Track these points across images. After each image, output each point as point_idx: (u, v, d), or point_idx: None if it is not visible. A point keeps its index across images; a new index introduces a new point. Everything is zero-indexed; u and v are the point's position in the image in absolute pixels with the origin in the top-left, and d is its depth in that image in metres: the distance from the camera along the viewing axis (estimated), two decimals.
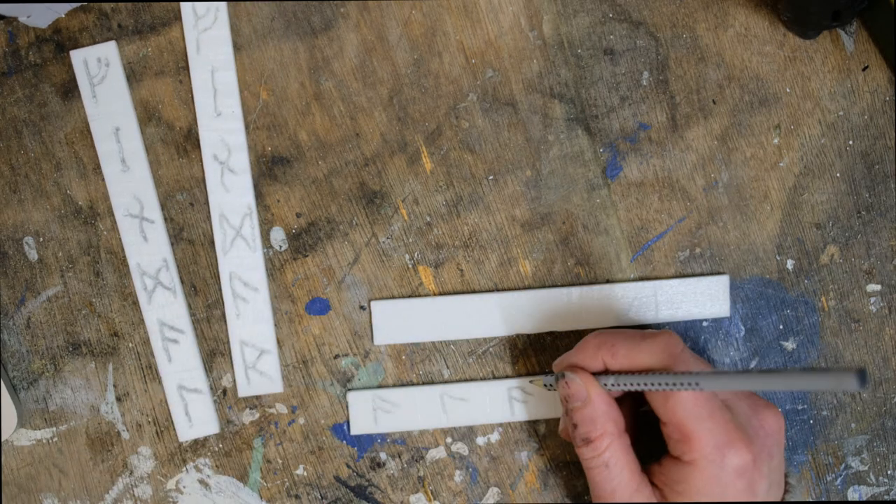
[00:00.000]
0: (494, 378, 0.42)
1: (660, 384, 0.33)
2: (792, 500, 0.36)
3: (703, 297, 0.41)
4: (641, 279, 0.41)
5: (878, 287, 0.42)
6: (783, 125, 0.41)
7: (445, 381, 0.42)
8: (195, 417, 0.42)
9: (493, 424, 0.42)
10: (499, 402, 0.41)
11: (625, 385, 0.34)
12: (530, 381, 0.41)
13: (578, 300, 0.41)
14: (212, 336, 0.42)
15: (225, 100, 0.41)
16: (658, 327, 0.41)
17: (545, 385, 0.38)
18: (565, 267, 0.41)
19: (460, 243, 0.42)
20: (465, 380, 0.42)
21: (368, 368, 0.42)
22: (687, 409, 0.33)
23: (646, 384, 0.33)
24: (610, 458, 0.34)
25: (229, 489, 0.42)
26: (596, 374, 0.36)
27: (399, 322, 0.41)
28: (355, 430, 0.42)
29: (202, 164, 0.42)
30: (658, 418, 0.34)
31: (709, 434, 0.32)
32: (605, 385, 0.35)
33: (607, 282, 0.41)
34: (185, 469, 0.42)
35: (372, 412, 0.41)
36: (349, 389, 0.42)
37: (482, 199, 0.42)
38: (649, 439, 0.37)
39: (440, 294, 0.42)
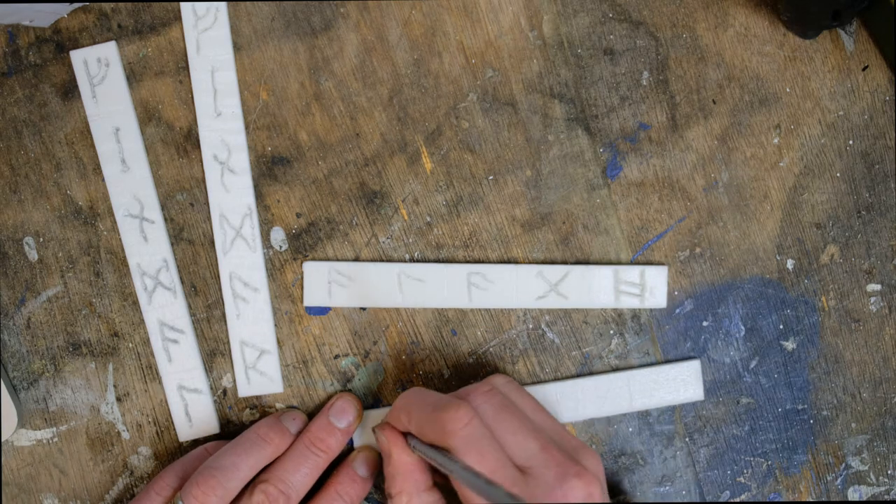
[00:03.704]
0: (452, 267, 0.41)
1: (435, 461, 0.33)
2: None
3: (676, 384, 0.41)
4: (614, 370, 0.41)
5: (878, 287, 0.42)
6: (783, 125, 0.41)
7: (446, 382, 0.42)
8: (195, 417, 0.42)
9: None
10: (456, 287, 0.41)
11: (421, 453, 0.35)
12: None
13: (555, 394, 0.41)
14: (212, 336, 0.42)
15: (225, 100, 0.41)
16: (630, 416, 0.42)
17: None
18: None
19: (460, 243, 0.42)
20: (467, 383, 0.42)
21: (368, 368, 0.42)
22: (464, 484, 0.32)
23: (430, 458, 0.34)
24: None
25: None
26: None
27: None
28: (308, 301, 0.41)
29: (202, 164, 0.42)
30: None
31: (480, 468, 0.32)
32: (413, 447, 0.36)
33: (578, 376, 0.41)
34: None
35: (327, 285, 0.41)
36: (306, 260, 0.41)
37: (482, 199, 0.42)
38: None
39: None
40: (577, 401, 0.41)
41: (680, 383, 0.41)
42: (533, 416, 0.36)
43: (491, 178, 0.41)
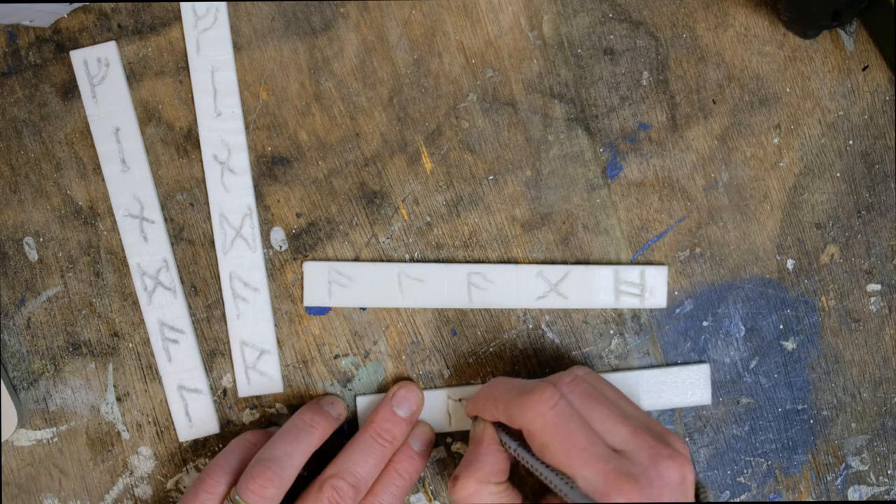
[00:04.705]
0: (452, 262, 0.42)
1: (523, 458, 0.34)
2: None
3: (685, 386, 0.41)
4: (615, 370, 0.41)
5: (878, 287, 0.42)
6: (783, 125, 0.41)
7: (446, 382, 0.42)
8: (195, 417, 0.42)
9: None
10: (456, 287, 0.41)
11: (510, 448, 0.36)
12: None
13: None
14: (212, 336, 0.42)
15: (225, 100, 0.41)
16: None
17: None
18: None
19: (460, 243, 0.42)
20: (465, 384, 0.42)
21: (368, 368, 0.42)
22: (564, 463, 0.32)
23: (518, 454, 0.35)
24: (468, 500, 0.35)
25: None
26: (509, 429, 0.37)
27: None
28: (308, 301, 0.41)
29: (202, 164, 0.42)
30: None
31: (584, 482, 0.32)
32: (503, 442, 0.36)
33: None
34: (185, 469, 0.42)
35: (327, 285, 0.41)
36: (306, 260, 0.41)
37: (482, 199, 0.42)
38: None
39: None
40: None
41: (689, 386, 0.41)
42: (618, 402, 0.36)
43: (491, 178, 0.41)
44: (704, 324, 0.42)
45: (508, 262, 0.42)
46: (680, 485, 0.32)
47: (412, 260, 0.42)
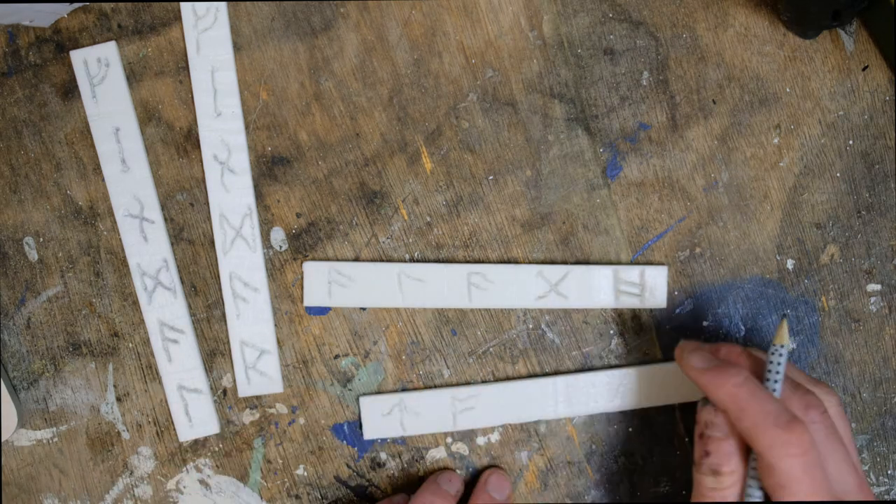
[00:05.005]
0: (452, 262, 0.42)
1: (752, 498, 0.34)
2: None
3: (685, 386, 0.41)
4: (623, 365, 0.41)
5: (878, 287, 0.42)
6: (783, 125, 0.41)
7: (446, 382, 0.42)
8: (195, 417, 0.42)
9: (494, 426, 0.42)
10: (456, 287, 0.41)
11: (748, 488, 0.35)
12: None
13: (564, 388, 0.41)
14: (212, 336, 0.42)
15: (225, 100, 0.41)
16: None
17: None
18: None
19: (460, 243, 0.42)
20: (467, 382, 0.42)
21: (368, 368, 0.42)
22: (783, 476, 0.32)
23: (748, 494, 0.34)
24: (729, 495, 0.34)
25: (229, 489, 0.42)
26: None
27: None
28: (308, 301, 0.41)
29: (202, 164, 0.42)
30: None
31: (804, 496, 0.32)
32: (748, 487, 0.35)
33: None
34: (185, 469, 0.42)
35: (327, 285, 0.41)
36: (306, 260, 0.41)
37: (482, 199, 0.42)
38: None
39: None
40: (588, 395, 0.41)
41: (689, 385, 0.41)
42: (849, 447, 0.35)
43: (491, 178, 0.41)
44: (704, 324, 0.42)
45: (508, 262, 0.42)
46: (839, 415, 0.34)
47: (412, 260, 0.42)
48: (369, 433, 0.41)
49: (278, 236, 0.42)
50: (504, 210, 0.42)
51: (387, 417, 0.41)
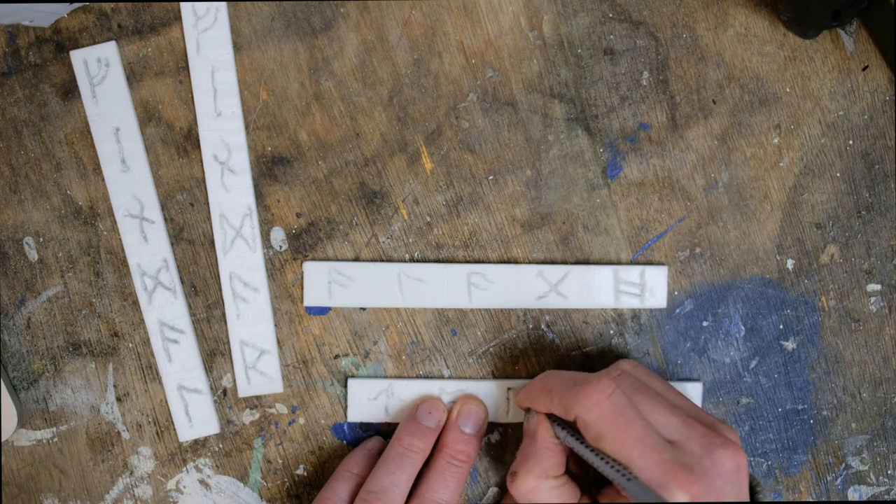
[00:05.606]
0: (452, 262, 0.42)
1: (579, 450, 0.34)
2: None
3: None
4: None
5: (878, 287, 0.42)
6: (783, 125, 0.41)
7: (446, 382, 0.42)
8: (195, 417, 0.42)
9: (493, 425, 0.42)
10: (456, 287, 0.41)
11: (565, 440, 0.35)
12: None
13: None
14: (212, 336, 0.42)
15: (225, 100, 0.41)
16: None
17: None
18: None
19: (460, 243, 0.42)
20: (463, 377, 0.42)
21: (368, 368, 0.42)
22: (620, 453, 0.32)
23: (574, 446, 0.35)
24: (529, 496, 0.35)
25: (229, 489, 0.42)
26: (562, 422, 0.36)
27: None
28: (308, 301, 0.41)
29: (202, 164, 0.42)
30: None
31: (640, 472, 0.32)
32: (558, 434, 0.36)
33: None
34: (185, 469, 0.42)
35: (327, 285, 0.41)
36: (306, 260, 0.41)
37: (482, 199, 0.42)
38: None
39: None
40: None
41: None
42: (666, 394, 0.36)
43: (491, 178, 0.41)
44: (704, 324, 0.42)
45: (508, 262, 0.42)
46: (735, 473, 0.32)
47: (412, 260, 0.42)
48: (353, 416, 0.41)
49: (278, 236, 0.42)
50: (504, 210, 0.42)
51: (373, 402, 0.41)
